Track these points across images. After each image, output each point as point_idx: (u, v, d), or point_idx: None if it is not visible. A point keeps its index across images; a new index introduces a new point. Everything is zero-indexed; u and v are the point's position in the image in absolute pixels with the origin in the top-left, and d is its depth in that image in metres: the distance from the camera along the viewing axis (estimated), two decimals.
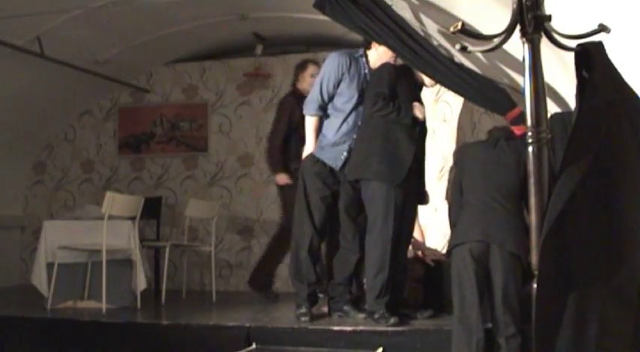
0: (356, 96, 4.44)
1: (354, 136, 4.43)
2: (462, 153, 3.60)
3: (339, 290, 4.52)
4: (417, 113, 4.27)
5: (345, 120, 4.44)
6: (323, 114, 4.51)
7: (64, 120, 7.22)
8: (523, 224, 3.27)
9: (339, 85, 4.44)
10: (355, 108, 4.44)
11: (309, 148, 4.50)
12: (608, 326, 2.64)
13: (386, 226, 4.15)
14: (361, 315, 4.36)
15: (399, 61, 4.47)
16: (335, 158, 4.44)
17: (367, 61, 4.53)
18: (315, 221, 4.40)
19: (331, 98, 4.47)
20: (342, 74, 4.43)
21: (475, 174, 3.38)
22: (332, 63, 4.48)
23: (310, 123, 4.52)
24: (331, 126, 4.47)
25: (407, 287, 4.53)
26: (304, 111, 4.59)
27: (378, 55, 4.45)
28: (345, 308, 4.46)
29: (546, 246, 2.64)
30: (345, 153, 4.44)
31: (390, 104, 4.20)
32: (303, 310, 4.35)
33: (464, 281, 3.27)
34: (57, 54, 5.73)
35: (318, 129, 4.51)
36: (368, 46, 4.51)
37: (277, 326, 4.23)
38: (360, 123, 4.44)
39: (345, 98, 4.44)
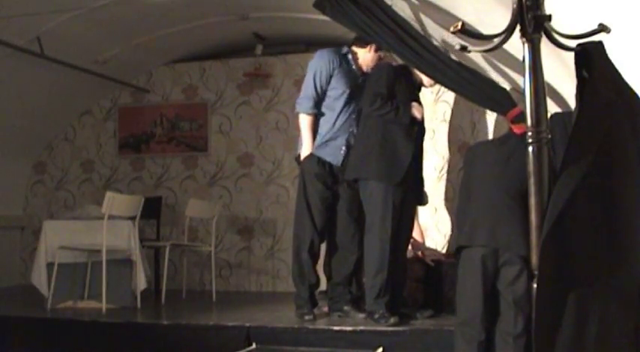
0: (347, 91, 4.47)
1: (350, 130, 4.47)
2: (472, 153, 3.57)
3: (338, 291, 4.52)
4: (415, 113, 4.28)
5: (338, 115, 4.47)
6: (318, 112, 4.50)
7: (64, 120, 7.22)
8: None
9: (330, 79, 4.46)
10: (347, 103, 4.48)
11: (306, 148, 4.49)
12: (608, 326, 2.64)
13: (384, 226, 4.15)
14: (361, 315, 4.36)
15: (399, 61, 4.48)
16: (334, 154, 4.46)
17: (355, 58, 4.57)
18: (315, 222, 4.41)
19: (324, 93, 4.48)
20: (334, 69, 4.47)
21: (484, 173, 3.35)
22: (322, 59, 4.51)
23: (306, 121, 4.50)
24: (326, 123, 4.50)
25: (407, 287, 4.53)
26: (299, 109, 4.55)
27: (372, 57, 4.49)
28: (345, 308, 4.46)
29: (546, 246, 2.64)
30: (343, 148, 4.46)
31: (388, 104, 4.21)
32: (306, 310, 4.36)
33: (469, 284, 3.24)
34: (57, 54, 5.73)
35: (314, 129, 4.51)
36: (362, 45, 4.52)
37: (277, 326, 4.22)
38: (354, 116, 4.48)
39: (337, 93, 4.47)
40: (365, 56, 4.55)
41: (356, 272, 4.55)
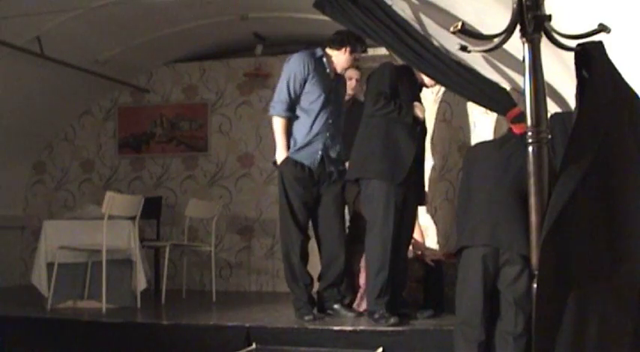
0: (323, 95, 4.46)
1: (327, 134, 4.47)
2: (473, 153, 3.56)
3: (329, 290, 4.53)
4: (418, 113, 4.28)
5: (315, 120, 4.45)
6: (292, 115, 4.47)
7: (64, 120, 7.22)
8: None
9: (304, 84, 4.44)
10: (323, 107, 4.46)
11: (281, 152, 4.43)
12: (608, 326, 2.64)
13: (386, 225, 4.15)
14: (351, 314, 4.41)
15: (399, 62, 4.48)
16: (311, 157, 4.44)
17: (329, 61, 4.56)
18: (300, 225, 4.43)
19: (298, 97, 4.45)
20: (308, 74, 4.45)
21: (484, 174, 3.35)
22: (296, 63, 4.48)
23: (279, 124, 4.45)
24: (302, 127, 4.47)
25: (407, 287, 4.53)
26: (272, 112, 4.50)
27: (346, 59, 4.51)
28: (335, 306, 4.49)
29: (546, 246, 2.64)
30: (320, 152, 4.46)
31: (391, 103, 4.21)
32: (305, 311, 4.36)
33: (470, 285, 3.24)
34: (57, 54, 5.72)
35: (289, 131, 4.46)
36: (337, 47, 4.53)
37: (277, 326, 4.22)
38: (330, 121, 4.48)
39: (313, 97, 4.45)
40: (339, 58, 4.55)
41: (347, 271, 4.57)
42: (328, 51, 4.57)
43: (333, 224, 4.50)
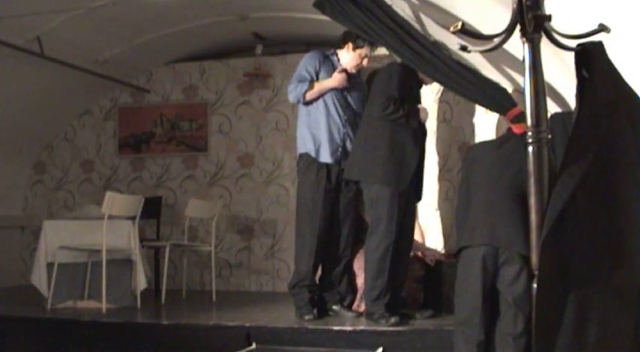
0: (330, 93, 4.49)
1: (344, 131, 4.49)
2: (472, 153, 3.56)
3: (329, 291, 4.54)
4: (423, 116, 4.26)
5: (327, 116, 4.49)
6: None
7: (64, 120, 7.22)
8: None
9: (317, 76, 4.51)
10: (336, 103, 4.51)
11: (333, 77, 4.50)
12: (608, 326, 2.64)
13: (389, 229, 4.13)
14: (350, 314, 4.42)
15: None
16: (333, 154, 4.46)
17: (338, 59, 4.60)
18: (320, 227, 4.41)
19: (316, 75, 4.51)
20: (318, 71, 4.51)
21: (484, 174, 3.34)
22: (308, 58, 4.59)
23: (309, 95, 4.47)
24: (320, 124, 4.49)
25: (407, 287, 4.53)
26: (297, 100, 4.52)
27: (352, 56, 4.51)
28: (335, 307, 4.50)
29: (546, 246, 2.64)
30: (340, 149, 4.48)
31: (401, 109, 4.16)
32: (306, 310, 4.37)
33: (469, 284, 3.24)
34: (57, 54, 5.72)
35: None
36: (341, 46, 4.55)
37: (277, 326, 4.22)
38: (346, 117, 4.51)
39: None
40: (344, 56, 4.56)
41: (347, 272, 4.57)
42: (338, 50, 4.62)
43: (345, 226, 4.51)
